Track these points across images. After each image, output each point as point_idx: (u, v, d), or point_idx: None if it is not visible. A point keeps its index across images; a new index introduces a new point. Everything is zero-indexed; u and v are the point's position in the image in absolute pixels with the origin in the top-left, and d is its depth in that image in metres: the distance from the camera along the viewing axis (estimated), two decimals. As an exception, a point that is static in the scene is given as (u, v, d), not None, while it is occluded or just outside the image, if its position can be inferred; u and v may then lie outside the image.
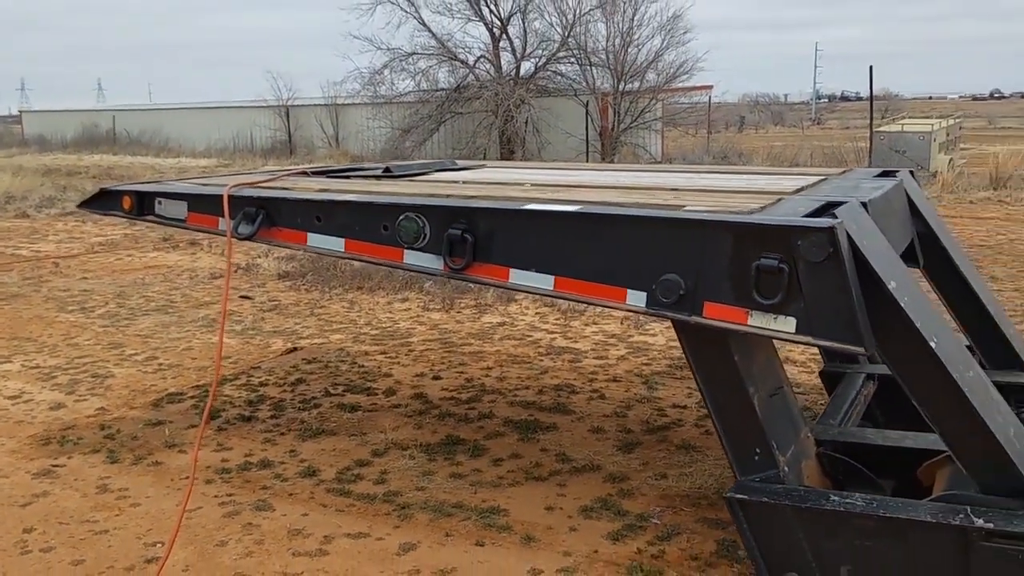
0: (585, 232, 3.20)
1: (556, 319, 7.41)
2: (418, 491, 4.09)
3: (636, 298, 3.13)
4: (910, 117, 25.66)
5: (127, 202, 4.15)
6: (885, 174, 4.51)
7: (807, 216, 2.99)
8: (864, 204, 3.30)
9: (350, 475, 4.29)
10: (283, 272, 9.49)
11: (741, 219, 2.96)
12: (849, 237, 2.85)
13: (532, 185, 4.06)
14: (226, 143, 32.08)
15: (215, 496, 4.06)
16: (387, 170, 4.65)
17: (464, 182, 4.28)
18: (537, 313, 7.63)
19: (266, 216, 3.79)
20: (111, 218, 13.54)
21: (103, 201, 4.29)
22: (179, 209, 4.03)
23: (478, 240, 3.37)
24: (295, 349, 6.60)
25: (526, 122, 24.33)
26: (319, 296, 8.47)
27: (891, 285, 2.85)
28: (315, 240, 3.73)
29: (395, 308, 7.94)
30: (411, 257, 3.52)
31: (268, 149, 30.54)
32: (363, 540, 3.63)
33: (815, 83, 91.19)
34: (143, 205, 4.14)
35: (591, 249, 3.19)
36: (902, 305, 2.83)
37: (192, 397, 5.48)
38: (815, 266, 2.80)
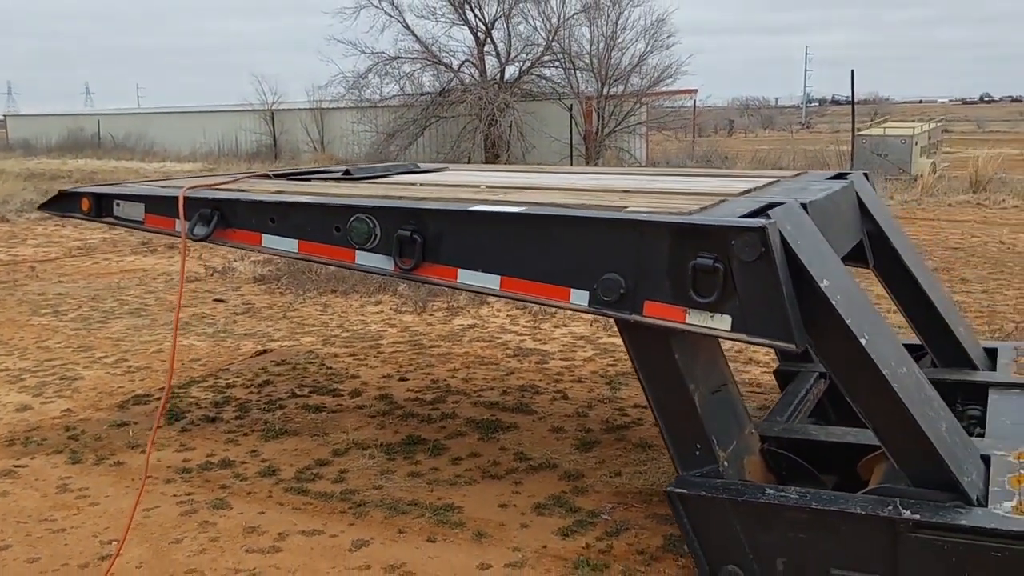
0: (529, 233, 3.27)
1: (527, 321, 7.47)
2: (375, 490, 4.14)
3: (579, 297, 3.19)
4: (894, 121, 25.85)
5: (85, 204, 4.19)
6: (838, 176, 4.59)
7: (743, 217, 3.07)
8: (804, 205, 3.38)
9: (309, 474, 4.33)
10: (259, 275, 9.53)
11: (678, 219, 3.03)
12: (782, 237, 2.92)
13: (487, 187, 4.12)
14: (211, 147, 32.07)
15: (174, 495, 4.09)
16: (347, 173, 4.72)
17: (420, 184, 4.34)
18: (508, 316, 7.69)
19: (221, 217, 3.84)
20: (91, 223, 13.50)
21: (62, 203, 4.34)
22: (136, 211, 4.08)
23: (427, 241, 3.43)
24: (265, 351, 6.64)
25: (510, 126, 24.44)
26: (293, 299, 8.51)
27: (823, 283, 2.93)
28: (269, 241, 3.79)
29: (368, 311, 7.99)
30: (362, 258, 3.58)
31: (253, 153, 30.54)
32: (317, 537, 3.68)
33: (805, 87, 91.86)
34: (101, 207, 4.19)
35: (535, 250, 3.26)
36: (834, 303, 2.91)
37: (158, 399, 5.51)
38: (748, 265, 2.87)
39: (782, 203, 3.28)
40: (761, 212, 3.17)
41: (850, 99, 22.07)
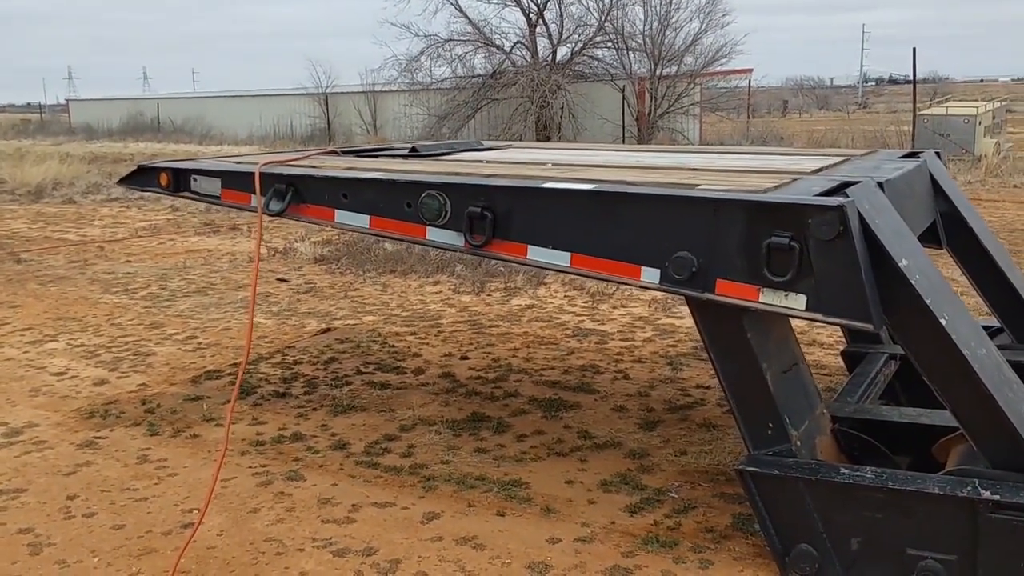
0: (601, 210, 3.28)
1: (584, 302, 7.49)
2: (443, 464, 4.21)
3: (650, 275, 3.21)
4: (956, 100, 25.10)
5: (164, 178, 4.31)
6: (910, 155, 4.51)
7: (820, 195, 3.04)
8: (880, 184, 3.33)
9: (378, 448, 4.43)
10: (319, 256, 9.68)
11: (753, 197, 3.02)
12: (860, 216, 2.89)
13: (553, 165, 4.14)
14: (267, 131, 32.55)
15: (249, 467, 4.22)
16: (413, 150, 4.77)
17: (487, 162, 4.37)
18: (566, 296, 7.71)
19: (295, 193, 3.93)
20: (155, 204, 13.67)
21: (141, 178, 4.47)
22: (213, 186, 4.18)
23: (497, 217, 3.47)
24: (328, 329, 6.77)
25: (562, 108, 24.34)
26: (353, 279, 8.64)
27: (902, 263, 2.89)
28: (341, 217, 3.86)
29: (426, 291, 8.08)
30: (433, 234, 3.63)
31: (308, 136, 30.92)
32: (389, 509, 3.76)
33: (862, 66, 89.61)
34: (179, 182, 4.31)
35: (606, 227, 3.27)
36: (913, 283, 2.88)
37: (229, 375, 5.67)
38: (825, 244, 2.85)
39: (858, 182, 3.24)
40: (837, 191, 3.14)
41: (909, 78, 21.46)
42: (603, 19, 24.97)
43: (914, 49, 19.49)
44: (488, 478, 4.04)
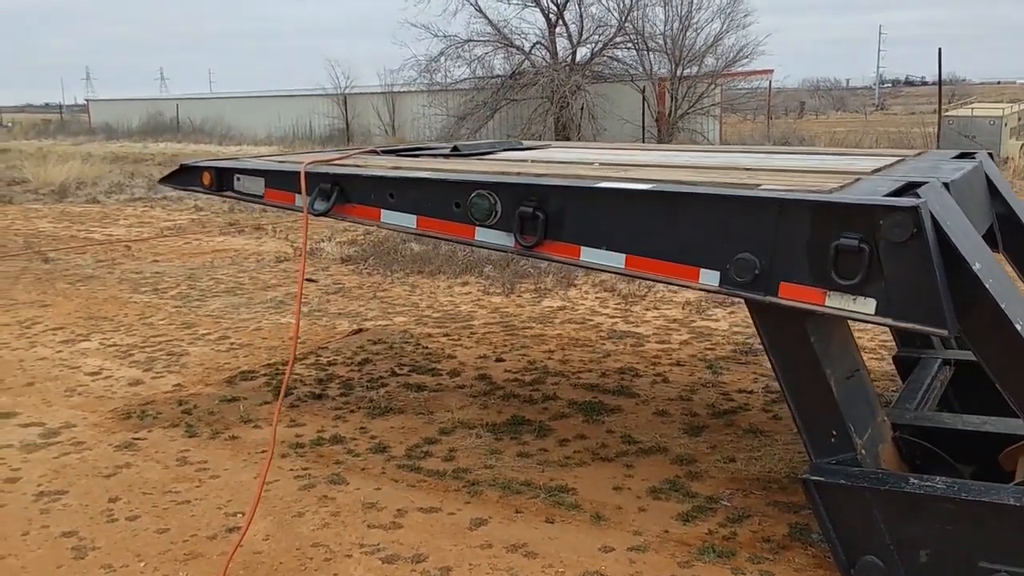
0: (659, 211, 3.21)
1: (617, 304, 7.40)
2: (486, 469, 4.14)
3: (709, 277, 3.12)
4: (979, 101, 24.83)
5: (207, 178, 4.27)
6: (963, 156, 4.41)
7: (888, 196, 2.95)
8: (946, 184, 3.24)
9: (419, 452, 4.37)
10: (346, 256, 9.64)
11: (821, 198, 2.93)
12: (933, 217, 2.80)
13: (600, 164, 4.06)
14: (285, 131, 32.60)
15: (291, 470, 4.17)
16: (455, 149, 4.71)
17: (532, 161, 4.30)
18: (597, 298, 7.63)
19: (341, 193, 3.87)
20: (178, 204, 13.66)
21: (183, 177, 4.42)
22: (257, 185, 4.13)
23: (550, 218, 3.40)
24: (360, 330, 6.72)
25: (582, 108, 24.25)
26: (381, 279, 8.59)
27: (976, 266, 2.80)
28: (388, 217, 3.80)
29: (456, 292, 8.02)
30: (482, 234, 3.56)
31: (326, 137, 30.95)
32: (435, 515, 3.70)
33: (878, 67, 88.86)
34: (222, 181, 4.26)
35: (664, 228, 3.20)
36: (987, 287, 2.78)
37: (264, 375, 5.63)
38: (897, 246, 2.76)
39: (924, 182, 3.15)
40: (903, 191, 3.05)
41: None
42: (623, 19, 24.89)
43: (939, 50, 19.29)
44: (534, 483, 3.97)
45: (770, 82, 28.81)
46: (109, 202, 15.39)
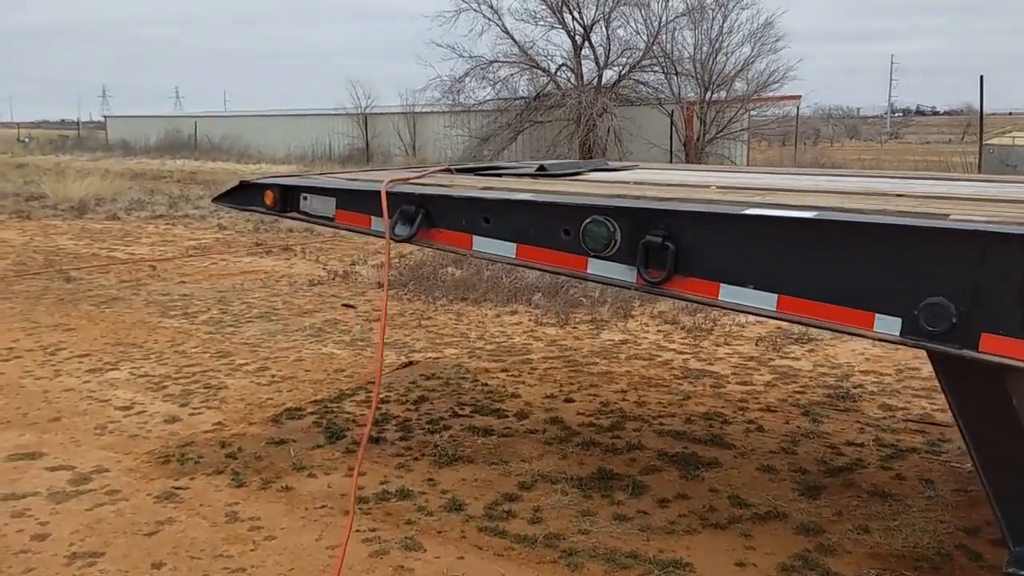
0: (824, 244, 2.70)
1: (683, 338, 6.87)
2: (582, 535, 3.60)
3: (887, 324, 2.61)
4: (1019, 130, 24.32)
5: (270, 196, 3.78)
6: None
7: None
8: None
9: (500, 511, 3.83)
10: (383, 280, 9.13)
11: (1043, 233, 2.42)
12: None
13: (717, 188, 3.56)
14: (304, 150, 32.31)
15: (357, 531, 3.63)
16: (541, 168, 4.21)
17: (635, 183, 3.80)
18: (660, 331, 7.11)
19: (426, 216, 3.38)
20: (200, 223, 13.13)
21: (242, 195, 3.93)
22: (327, 206, 3.65)
23: (681, 249, 2.90)
24: (411, 363, 6.20)
25: (608, 131, 23.83)
26: (424, 307, 8.08)
27: None
28: (481, 244, 3.31)
29: (505, 321, 7.50)
30: (597, 267, 3.08)
31: (346, 156, 30.64)
32: (534, 593, 3.17)
33: (890, 96, 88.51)
34: (287, 200, 3.77)
35: (830, 264, 2.69)
36: None
37: (312, 413, 5.11)
38: None
39: None
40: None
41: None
42: (651, 42, 24.54)
43: (981, 77, 18.84)
44: (641, 555, 3.43)
45: (798, 108, 28.40)
46: (130, 219, 14.96)
